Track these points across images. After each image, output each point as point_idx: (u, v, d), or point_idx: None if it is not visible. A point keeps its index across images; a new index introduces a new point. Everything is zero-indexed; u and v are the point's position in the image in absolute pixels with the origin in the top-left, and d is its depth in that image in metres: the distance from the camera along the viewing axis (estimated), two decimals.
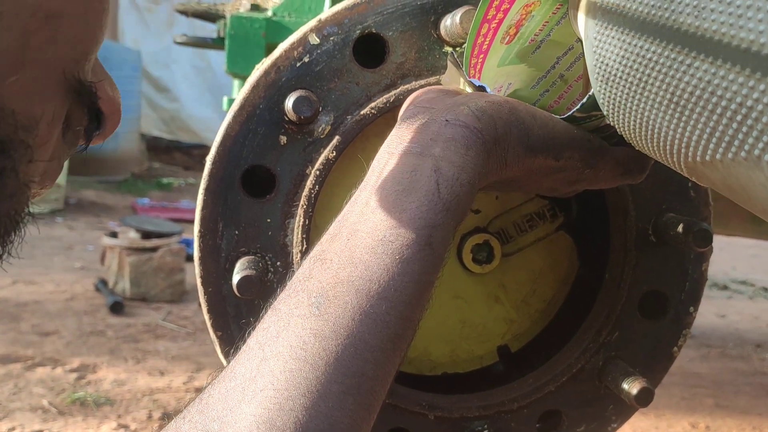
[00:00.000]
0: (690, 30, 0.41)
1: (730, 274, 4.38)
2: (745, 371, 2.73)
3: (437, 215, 0.49)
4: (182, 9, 2.06)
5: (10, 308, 2.77)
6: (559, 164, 0.55)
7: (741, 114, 0.38)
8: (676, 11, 0.43)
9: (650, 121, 0.47)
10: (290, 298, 0.48)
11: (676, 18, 0.43)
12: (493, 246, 0.77)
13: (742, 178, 0.40)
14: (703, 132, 0.41)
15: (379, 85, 0.68)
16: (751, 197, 0.41)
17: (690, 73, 0.41)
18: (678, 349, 0.75)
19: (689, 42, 0.42)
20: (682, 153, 0.45)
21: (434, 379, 0.82)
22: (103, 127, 0.45)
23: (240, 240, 0.68)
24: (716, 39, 0.39)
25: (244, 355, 0.47)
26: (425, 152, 0.50)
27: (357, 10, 0.67)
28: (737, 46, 0.38)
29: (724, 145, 0.40)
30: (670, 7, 0.43)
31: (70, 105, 0.41)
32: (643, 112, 0.48)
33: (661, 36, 0.44)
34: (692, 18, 0.41)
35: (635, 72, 0.47)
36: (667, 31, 0.44)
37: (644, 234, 0.73)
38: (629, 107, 0.49)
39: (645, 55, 0.46)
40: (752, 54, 0.37)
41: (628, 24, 0.49)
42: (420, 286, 0.48)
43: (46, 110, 0.38)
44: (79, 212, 4.79)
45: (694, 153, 0.43)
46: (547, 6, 0.61)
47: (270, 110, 0.67)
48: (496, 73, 0.65)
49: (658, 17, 0.45)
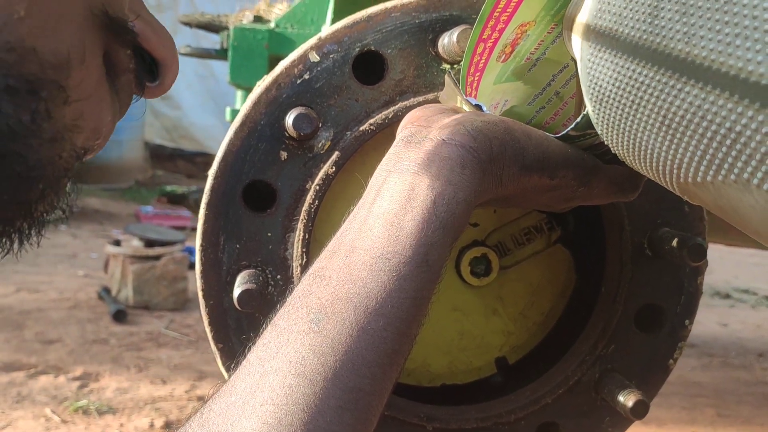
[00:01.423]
0: (680, 56, 0.42)
1: (732, 282, 4.38)
2: (747, 381, 2.73)
3: (434, 233, 0.50)
4: (186, 20, 2.08)
5: (14, 316, 2.78)
6: (554, 182, 0.56)
7: (730, 139, 0.39)
8: (667, 37, 0.44)
9: (643, 141, 0.48)
10: (290, 314, 0.49)
11: (667, 43, 0.44)
12: (491, 259, 0.78)
13: (733, 199, 0.41)
14: (694, 154, 0.42)
15: (378, 101, 0.69)
16: (742, 218, 0.42)
17: (681, 97, 0.42)
18: (674, 361, 0.76)
19: (680, 67, 0.42)
20: (674, 174, 0.46)
21: (433, 390, 0.82)
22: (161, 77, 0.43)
23: (241, 253, 0.69)
24: (706, 65, 0.40)
25: (244, 369, 0.48)
26: (422, 171, 0.51)
27: (356, 29, 0.69)
28: (726, 73, 0.38)
29: (715, 168, 0.40)
30: (661, 33, 0.44)
31: (107, 44, 0.38)
32: (636, 133, 0.49)
33: (653, 60, 0.45)
34: (682, 44, 0.42)
35: (628, 94, 0.48)
36: (658, 56, 0.45)
37: (640, 248, 0.73)
38: (622, 128, 0.50)
39: (637, 78, 0.47)
40: (741, 81, 0.37)
41: (620, 47, 0.49)
42: (416, 303, 0.49)
43: (73, 48, 0.36)
44: (83, 220, 4.80)
45: (685, 174, 0.44)
46: (542, 26, 0.63)
47: (271, 126, 0.68)
48: (493, 90, 0.66)
49: (649, 42, 0.46)
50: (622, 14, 0.50)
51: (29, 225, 0.39)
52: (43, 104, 0.35)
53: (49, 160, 0.37)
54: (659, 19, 0.45)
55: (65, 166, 0.38)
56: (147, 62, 0.42)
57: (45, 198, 0.38)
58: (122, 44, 0.39)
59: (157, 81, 0.43)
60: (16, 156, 0.35)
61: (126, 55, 0.40)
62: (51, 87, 0.35)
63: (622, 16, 0.49)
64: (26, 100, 0.34)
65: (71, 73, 0.36)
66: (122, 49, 0.40)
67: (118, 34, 0.38)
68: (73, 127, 0.37)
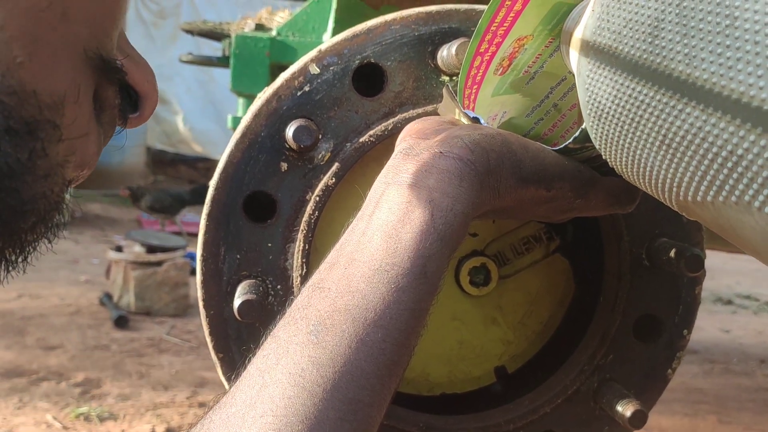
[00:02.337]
0: (681, 77, 0.42)
1: (734, 288, 4.37)
2: (748, 387, 2.73)
3: (432, 245, 0.50)
4: (188, 28, 2.09)
5: (16, 322, 2.79)
6: (551, 194, 0.57)
7: (732, 162, 0.39)
8: (668, 57, 0.44)
9: (641, 158, 0.48)
10: (289, 326, 0.50)
11: (668, 64, 0.43)
12: (490, 269, 0.78)
13: (732, 220, 0.41)
14: (694, 174, 0.42)
15: (378, 113, 0.70)
16: (741, 237, 0.42)
17: (681, 118, 0.42)
18: (672, 371, 0.76)
19: (681, 88, 0.42)
20: (673, 191, 0.46)
21: (432, 399, 0.83)
22: (141, 109, 0.45)
23: (241, 264, 0.70)
24: (707, 88, 0.40)
25: (244, 381, 0.49)
26: (420, 183, 0.52)
27: (356, 41, 0.69)
28: (728, 97, 0.38)
29: (715, 189, 0.41)
30: (662, 53, 0.44)
31: (98, 83, 0.40)
32: (635, 150, 0.48)
33: (653, 80, 0.45)
34: (683, 65, 0.42)
35: (627, 112, 0.48)
36: (658, 76, 0.45)
37: (638, 258, 0.74)
38: (621, 144, 0.51)
39: (637, 96, 0.47)
40: (743, 105, 0.37)
41: (620, 65, 0.49)
42: (415, 314, 0.50)
43: (69, 88, 0.38)
44: (85, 226, 4.82)
45: (685, 193, 0.44)
46: (540, 40, 0.63)
47: (271, 138, 0.68)
48: (491, 102, 0.67)
49: (650, 61, 0.45)
50: (621, 33, 0.50)
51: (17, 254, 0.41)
52: (40, 143, 0.37)
53: (42, 194, 0.39)
54: (660, 39, 0.45)
55: (56, 199, 0.40)
56: (131, 96, 0.45)
57: (35, 229, 0.40)
58: (111, 82, 0.41)
59: (138, 112, 0.46)
60: (12, 191, 0.37)
61: (114, 92, 0.42)
62: (48, 127, 0.37)
63: (622, 35, 0.50)
64: (25, 141, 0.36)
65: (66, 112, 0.38)
66: (111, 87, 0.42)
67: (108, 74, 0.41)
68: (65, 162, 0.39)
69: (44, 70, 0.36)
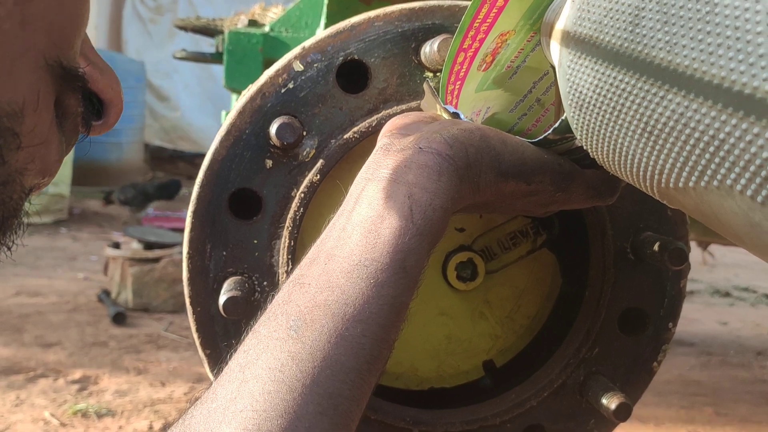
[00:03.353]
0: (662, 64, 0.43)
1: (732, 281, 4.38)
2: (745, 379, 2.73)
3: (411, 240, 0.51)
4: (181, 24, 2.09)
5: (13, 319, 2.79)
6: (531, 188, 0.57)
7: (713, 146, 0.39)
8: (649, 45, 0.44)
9: (623, 147, 0.48)
10: (270, 321, 0.50)
11: (649, 51, 0.44)
12: (477, 264, 0.79)
13: (714, 205, 0.41)
14: (676, 160, 0.42)
15: (362, 109, 0.70)
16: (723, 223, 0.42)
17: (663, 105, 0.43)
18: (658, 364, 0.77)
19: (662, 75, 0.43)
20: (654, 179, 0.46)
21: (421, 393, 0.83)
22: (106, 116, 0.45)
23: (228, 261, 0.70)
24: (689, 74, 0.40)
25: (225, 376, 0.49)
26: (399, 179, 0.52)
27: (340, 38, 0.69)
28: (709, 82, 0.39)
29: (697, 174, 0.41)
30: (643, 41, 0.45)
31: (59, 91, 0.40)
32: (617, 138, 0.49)
33: (634, 68, 0.45)
34: (664, 52, 0.42)
35: (608, 101, 0.49)
36: (639, 64, 0.45)
37: (623, 252, 0.74)
38: (602, 134, 0.51)
39: (618, 85, 0.47)
40: (724, 90, 0.38)
41: (601, 54, 0.50)
42: (394, 309, 0.50)
43: (28, 97, 0.38)
44: (83, 222, 4.82)
45: (666, 179, 0.44)
46: (522, 34, 0.63)
47: (256, 135, 0.69)
48: (475, 98, 0.67)
49: (630, 50, 0.46)
50: (602, 22, 0.50)
51: None
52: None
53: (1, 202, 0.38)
54: (641, 28, 0.45)
55: (14, 206, 0.40)
56: (94, 103, 0.45)
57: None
58: (73, 90, 0.41)
59: (102, 119, 0.45)
60: None
61: (76, 100, 0.42)
62: (6, 134, 0.37)
63: (603, 24, 0.50)
64: None
65: (25, 120, 0.38)
66: (73, 95, 0.41)
67: (70, 82, 0.40)
68: (23, 170, 0.39)
69: (2, 78, 0.36)
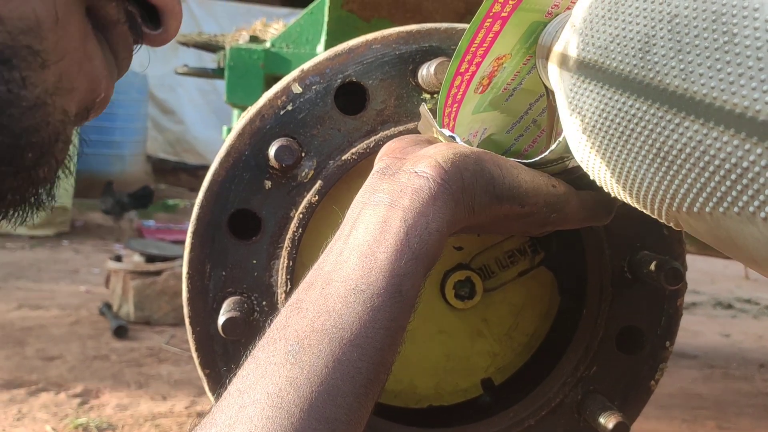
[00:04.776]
0: (677, 92, 0.42)
1: (734, 292, 4.37)
2: (748, 392, 2.72)
3: (407, 264, 0.51)
4: (183, 41, 2.11)
5: (15, 333, 2.80)
6: (525, 210, 0.57)
7: (735, 174, 0.39)
8: (662, 72, 0.43)
9: (631, 171, 0.47)
10: (268, 346, 0.51)
11: (662, 79, 0.43)
12: (475, 282, 0.79)
13: (732, 230, 0.41)
14: (692, 186, 0.42)
15: (360, 131, 0.71)
16: (740, 248, 0.42)
17: (679, 131, 0.42)
18: (655, 382, 0.77)
19: (677, 102, 0.42)
20: (665, 203, 0.45)
21: (420, 411, 0.84)
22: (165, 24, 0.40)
23: (227, 281, 0.70)
24: (707, 102, 0.40)
25: (224, 401, 0.50)
26: (395, 203, 0.53)
27: (338, 60, 0.70)
28: (730, 111, 0.38)
29: (715, 200, 0.41)
30: (654, 68, 0.44)
31: None
32: (624, 163, 0.48)
33: (645, 94, 0.45)
34: (679, 80, 0.42)
35: (616, 125, 0.48)
36: (651, 90, 0.44)
37: (620, 271, 0.75)
38: (607, 157, 0.50)
39: (627, 110, 0.47)
40: (747, 120, 0.37)
41: (607, 80, 0.49)
42: (390, 332, 0.51)
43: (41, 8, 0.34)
44: (86, 235, 4.83)
45: (680, 204, 0.44)
46: (518, 58, 0.64)
47: (255, 157, 0.69)
48: (471, 120, 0.68)
49: (641, 76, 0.45)
50: (608, 48, 0.49)
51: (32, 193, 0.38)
52: (17, 72, 0.34)
53: (35, 127, 0.36)
54: (651, 55, 0.44)
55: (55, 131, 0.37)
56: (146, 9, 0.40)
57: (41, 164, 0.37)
58: None
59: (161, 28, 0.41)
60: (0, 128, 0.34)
61: (113, 7, 0.38)
62: (24, 53, 0.34)
63: (609, 50, 0.49)
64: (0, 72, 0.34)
65: (45, 35, 0.35)
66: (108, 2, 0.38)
67: None
68: (56, 90, 0.36)
69: None
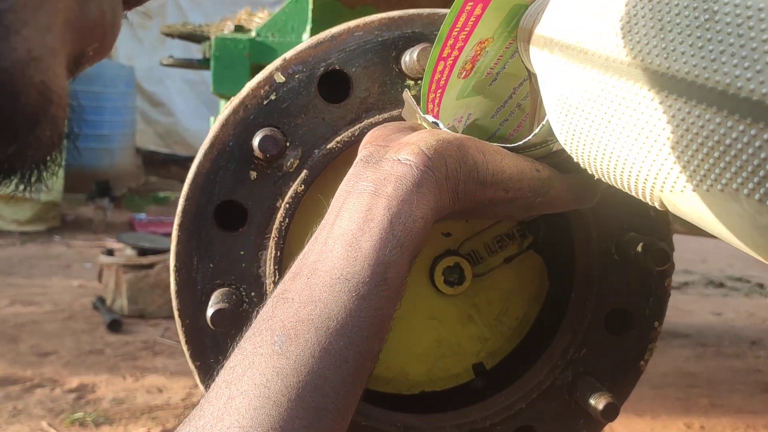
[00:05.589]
0: (660, 70, 0.42)
1: (726, 271, 4.39)
2: (739, 369, 2.75)
3: (391, 252, 0.51)
4: (168, 31, 2.09)
5: (9, 329, 2.79)
6: (509, 195, 0.57)
7: (718, 151, 0.39)
8: (643, 51, 0.43)
9: (614, 151, 0.47)
10: (255, 337, 0.51)
11: (644, 58, 0.43)
12: (464, 268, 0.79)
13: (716, 208, 0.41)
14: (675, 165, 0.42)
15: (345, 119, 0.70)
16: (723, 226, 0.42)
17: (661, 111, 0.42)
18: (645, 363, 0.77)
19: (659, 81, 0.42)
20: (649, 182, 0.45)
21: (413, 398, 0.84)
22: None
23: (215, 272, 0.70)
24: (689, 80, 0.40)
25: (212, 393, 0.50)
26: (379, 191, 0.53)
27: (320, 48, 0.70)
28: (713, 89, 0.38)
29: (699, 178, 0.41)
30: (636, 48, 0.44)
31: None
32: (607, 143, 0.48)
33: (628, 74, 0.45)
34: (661, 59, 0.42)
35: (599, 105, 0.48)
36: (634, 70, 0.44)
37: (608, 253, 0.75)
38: (590, 138, 0.50)
39: (609, 91, 0.46)
40: (730, 96, 0.37)
41: (590, 61, 0.49)
42: (377, 321, 0.51)
43: None
44: (77, 230, 4.81)
45: (663, 183, 0.44)
46: (501, 42, 0.64)
47: (239, 147, 0.69)
48: (456, 105, 0.67)
49: (623, 56, 0.45)
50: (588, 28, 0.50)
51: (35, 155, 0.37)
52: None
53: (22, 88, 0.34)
54: (633, 35, 0.44)
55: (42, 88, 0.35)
56: None
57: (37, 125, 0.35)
58: None
59: None
60: None
61: None
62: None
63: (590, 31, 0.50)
64: None
65: None
66: None
67: None
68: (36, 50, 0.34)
69: None
